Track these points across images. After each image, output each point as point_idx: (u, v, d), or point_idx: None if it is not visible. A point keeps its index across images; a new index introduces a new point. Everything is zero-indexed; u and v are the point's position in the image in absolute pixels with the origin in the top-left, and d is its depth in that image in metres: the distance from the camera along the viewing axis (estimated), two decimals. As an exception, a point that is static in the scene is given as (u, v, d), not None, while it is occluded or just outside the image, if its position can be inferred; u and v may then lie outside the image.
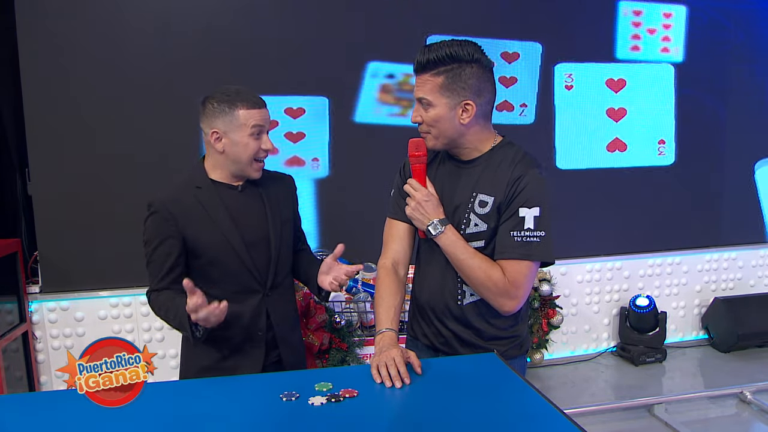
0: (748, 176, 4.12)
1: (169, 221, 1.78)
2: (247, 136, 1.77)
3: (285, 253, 1.92)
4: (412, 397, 1.43)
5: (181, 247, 1.80)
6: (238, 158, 1.80)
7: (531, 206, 1.59)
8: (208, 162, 1.86)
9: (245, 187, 1.87)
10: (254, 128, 1.77)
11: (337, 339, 2.82)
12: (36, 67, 2.96)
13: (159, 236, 1.79)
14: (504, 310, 1.63)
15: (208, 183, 1.84)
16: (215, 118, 1.78)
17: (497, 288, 1.60)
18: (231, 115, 1.76)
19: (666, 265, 4.03)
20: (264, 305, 1.87)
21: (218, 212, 1.80)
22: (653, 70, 3.85)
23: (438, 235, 1.64)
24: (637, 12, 3.76)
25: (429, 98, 1.60)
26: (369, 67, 3.37)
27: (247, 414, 1.34)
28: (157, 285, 1.81)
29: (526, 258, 1.59)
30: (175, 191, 1.84)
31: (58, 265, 3.07)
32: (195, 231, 1.80)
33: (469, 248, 1.63)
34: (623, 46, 3.78)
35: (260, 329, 1.87)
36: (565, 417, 1.28)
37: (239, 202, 1.85)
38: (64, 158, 3.03)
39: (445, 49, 1.57)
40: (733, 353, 3.96)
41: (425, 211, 1.65)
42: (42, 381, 3.13)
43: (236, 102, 1.76)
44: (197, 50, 3.13)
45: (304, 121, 3.34)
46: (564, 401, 3.18)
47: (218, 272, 1.82)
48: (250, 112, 1.77)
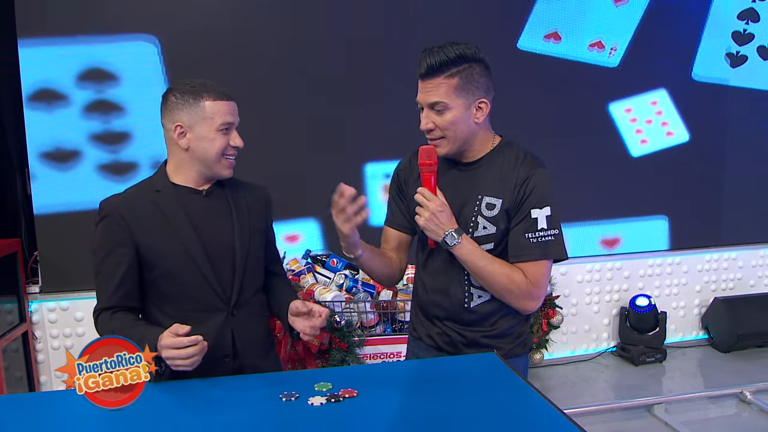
0: (749, 176, 4.12)
1: (121, 227, 1.59)
2: (214, 130, 1.59)
3: (253, 266, 1.70)
4: (412, 397, 1.43)
5: (134, 257, 1.59)
6: (205, 155, 1.61)
7: (542, 206, 1.59)
8: (170, 164, 1.67)
9: (211, 192, 1.68)
10: (223, 124, 1.60)
11: (337, 339, 2.81)
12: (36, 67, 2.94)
13: (109, 244, 1.59)
14: (527, 311, 1.66)
15: (169, 186, 1.65)
16: (178, 110, 1.60)
17: (520, 290, 1.60)
18: (196, 106, 1.59)
19: (666, 265, 4.03)
20: (229, 326, 1.64)
21: (177, 217, 1.60)
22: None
23: (454, 246, 1.61)
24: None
25: (445, 101, 1.57)
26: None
27: (247, 414, 1.34)
28: (107, 302, 1.58)
29: (544, 258, 1.60)
30: (130, 194, 1.66)
31: (58, 265, 3.07)
32: (149, 238, 1.59)
33: (486, 255, 1.62)
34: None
35: (225, 354, 1.64)
36: (564, 417, 1.28)
37: (202, 208, 1.65)
38: (63, 158, 3.02)
39: (455, 49, 1.56)
40: (733, 353, 3.95)
41: (440, 222, 1.61)
42: (42, 381, 3.13)
43: (202, 93, 1.59)
44: (198, 50, 3.13)
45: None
46: (564, 401, 3.17)
47: (174, 287, 1.61)
48: (217, 104, 1.59)
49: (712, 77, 3.95)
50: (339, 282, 3.04)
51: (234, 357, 1.66)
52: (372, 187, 3.45)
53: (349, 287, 3.00)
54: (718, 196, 4.08)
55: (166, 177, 1.66)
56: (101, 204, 1.63)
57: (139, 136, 3.11)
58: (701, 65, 3.91)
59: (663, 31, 3.79)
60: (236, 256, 1.65)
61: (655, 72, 3.83)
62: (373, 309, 2.97)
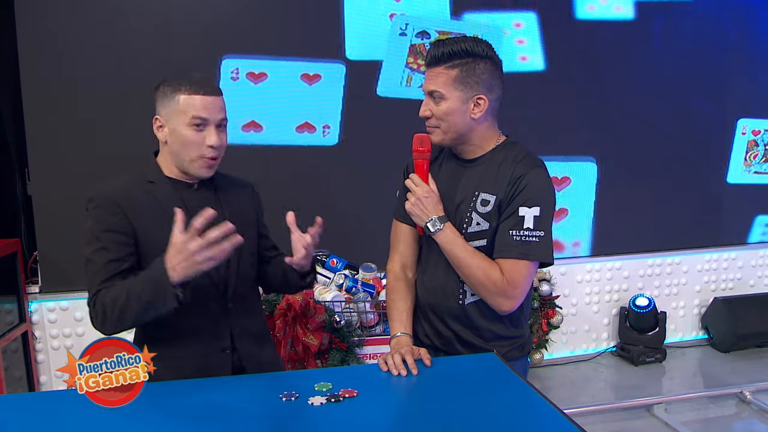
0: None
1: (117, 215, 1.53)
2: (185, 125, 1.53)
3: (246, 259, 1.69)
4: (411, 397, 1.43)
5: (133, 245, 1.54)
6: (178, 152, 1.57)
7: (531, 206, 1.59)
8: (160, 157, 1.65)
9: (201, 186, 1.65)
10: (194, 118, 1.53)
11: (337, 339, 2.81)
12: (36, 67, 2.95)
13: (105, 234, 1.52)
14: (502, 310, 1.63)
15: (162, 177, 1.62)
16: (159, 103, 1.57)
17: (495, 287, 1.59)
18: (172, 99, 1.54)
19: (666, 265, 4.03)
20: (226, 319, 1.64)
21: (174, 208, 1.50)
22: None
23: (436, 232, 1.63)
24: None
25: (442, 91, 1.60)
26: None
27: (247, 414, 1.34)
28: (103, 284, 1.49)
29: (524, 257, 1.59)
30: (123, 184, 1.60)
31: (58, 265, 3.07)
32: (148, 227, 1.55)
33: (468, 247, 1.62)
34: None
35: (224, 348, 1.65)
36: (564, 417, 1.28)
37: (195, 200, 1.61)
38: (63, 158, 3.03)
39: (461, 43, 1.58)
40: (733, 353, 3.96)
41: (425, 208, 1.64)
42: (42, 381, 3.13)
43: (180, 86, 1.54)
44: (199, 51, 3.13)
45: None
46: (564, 401, 3.18)
47: None
48: (191, 98, 1.53)
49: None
50: (338, 282, 3.04)
51: (233, 350, 1.66)
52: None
53: (349, 287, 3.00)
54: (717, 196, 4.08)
55: (158, 168, 1.64)
56: (90, 195, 1.57)
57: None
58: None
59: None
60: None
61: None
62: (373, 309, 2.97)
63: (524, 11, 3.58)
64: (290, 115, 3.34)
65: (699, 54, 3.89)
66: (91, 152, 3.05)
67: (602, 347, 4.00)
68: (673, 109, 3.89)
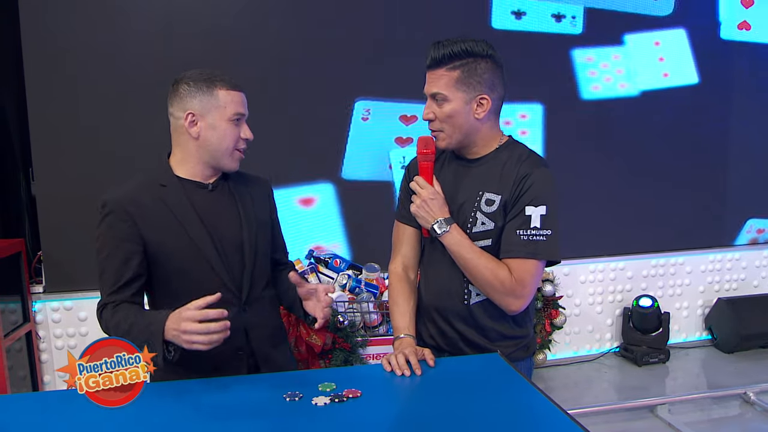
0: (750, 176, 4.11)
1: (127, 222, 1.56)
2: (225, 120, 1.58)
3: (261, 261, 1.70)
4: (415, 397, 1.43)
5: (142, 254, 1.57)
6: (215, 146, 1.60)
7: (537, 204, 1.58)
8: (175, 156, 1.65)
9: (216, 185, 1.66)
10: (235, 114, 1.59)
11: (340, 339, 2.81)
12: (40, 67, 2.96)
13: (115, 240, 1.55)
14: (510, 310, 1.63)
15: (174, 180, 1.62)
16: (191, 98, 1.58)
17: (504, 287, 1.59)
18: (209, 94, 1.57)
19: (669, 265, 4.02)
20: (241, 321, 1.63)
21: (186, 213, 1.59)
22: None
23: (443, 234, 1.62)
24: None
25: (444, 93, 1.59)
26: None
27: (250, 414, 1.34)
28: (113, 297, 1.54)
29: (532, 257, 1.58)
30: (133, 189, 1.61)
31: (62, 265, 3.07)
32: (158, 235, 1.57)
33: (475, 248, 1.62)
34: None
35: (240, 349, 1.66)
36: (568, 417, 1.28)
37: (209, 203, 1.63)
38: (67, 158, 3.03)
39: (460, 44, 1.57)
40: (737, 354, 3.94)
41: (430, 210, 1.63)
42: (45, 381, 3.13)
43: (215, 81, 1.58)
44: (201, 51, 3.13)
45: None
46: (567, 401, 3.17)
47: (185, 284, 1.58)
48: (230, 93, 1.59)
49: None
50: (342, 282, 3.04)
51: (248, 351, 1.68)
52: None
53: (353, 287, 3.01)
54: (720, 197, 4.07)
55: (170, 170, 1.64)
56: (103, 199, 1.59)
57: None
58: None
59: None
60: (245, 252, 1.65)
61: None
62: (376, 309, 2.97)
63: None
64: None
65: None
66: (95, 152, 3.06)
67: (605, 348, 3.99)
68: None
